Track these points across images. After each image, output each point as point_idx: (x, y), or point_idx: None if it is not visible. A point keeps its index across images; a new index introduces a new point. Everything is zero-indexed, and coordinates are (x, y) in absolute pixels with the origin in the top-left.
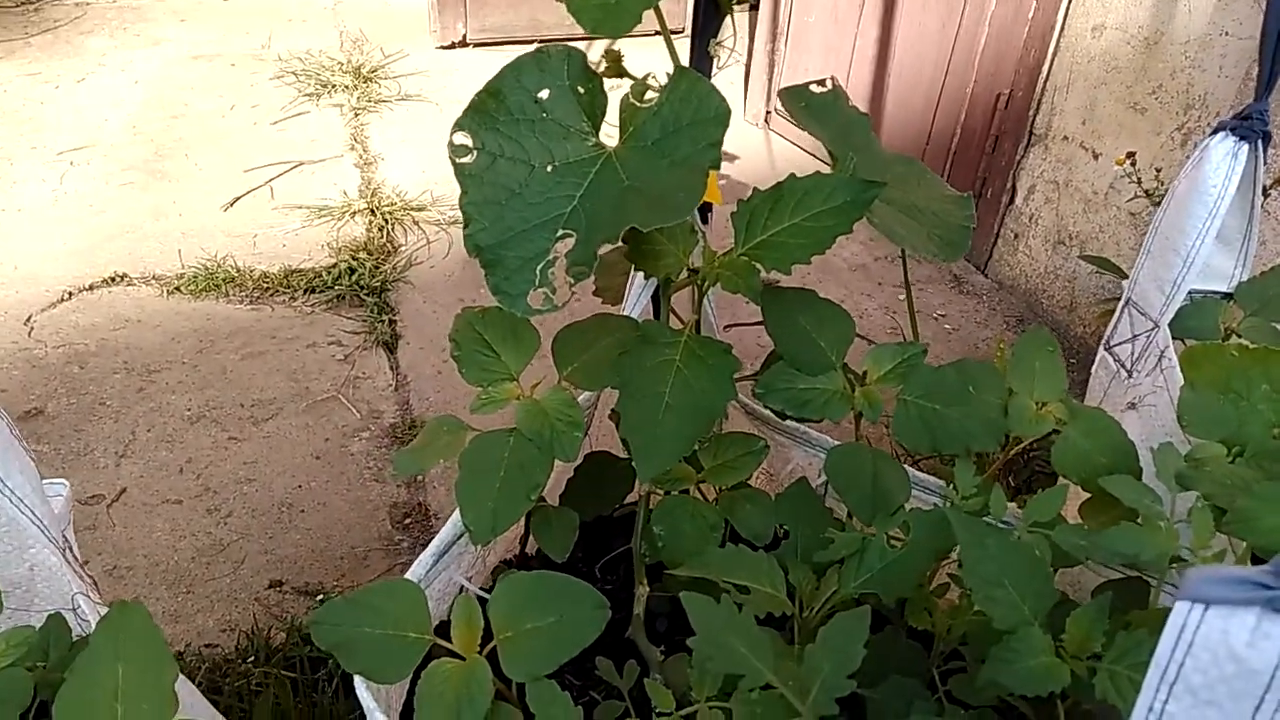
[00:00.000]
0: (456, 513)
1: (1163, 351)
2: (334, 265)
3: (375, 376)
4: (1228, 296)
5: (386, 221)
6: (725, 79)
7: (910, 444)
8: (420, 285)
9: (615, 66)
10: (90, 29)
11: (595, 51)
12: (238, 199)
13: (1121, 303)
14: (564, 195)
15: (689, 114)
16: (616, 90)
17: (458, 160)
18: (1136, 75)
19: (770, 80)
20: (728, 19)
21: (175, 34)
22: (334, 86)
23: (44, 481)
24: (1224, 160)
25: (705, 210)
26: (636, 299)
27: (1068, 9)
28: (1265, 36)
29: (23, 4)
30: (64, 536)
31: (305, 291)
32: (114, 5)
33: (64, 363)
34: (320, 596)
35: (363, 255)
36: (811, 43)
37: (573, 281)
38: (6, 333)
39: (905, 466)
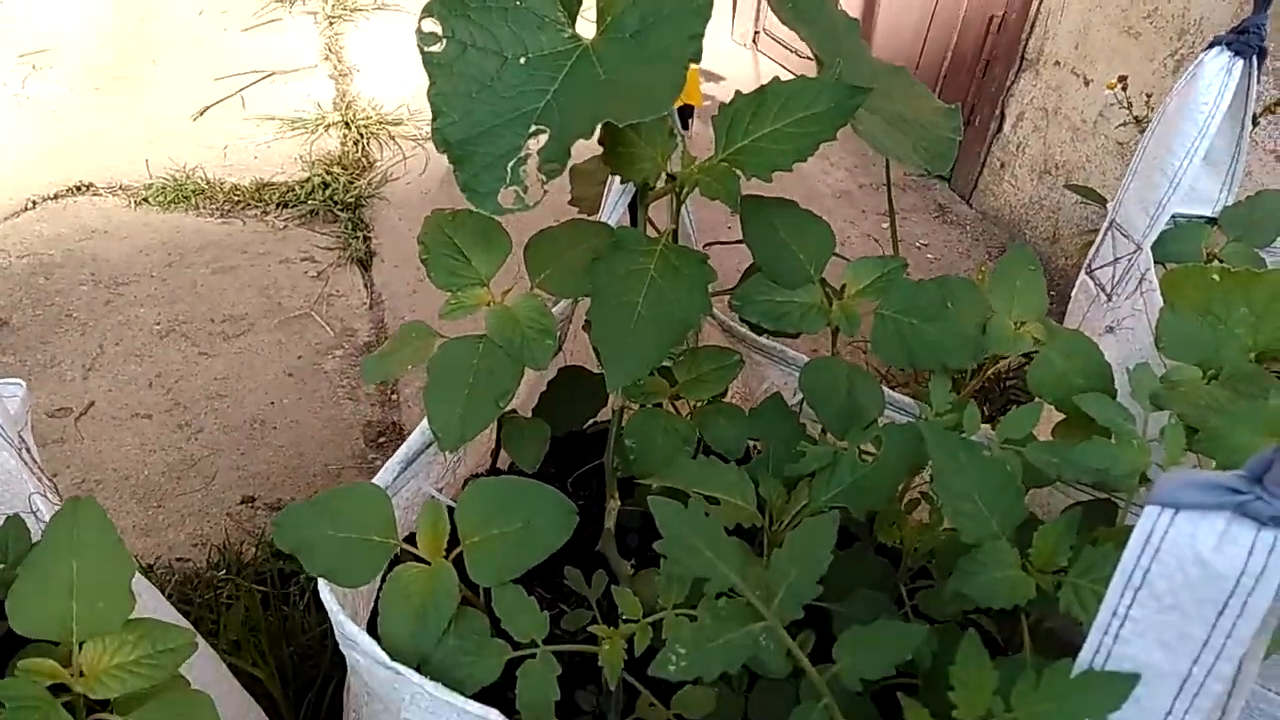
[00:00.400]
0: (424, 420)
1: (1144, 274)
2: (307, 179)
3: (349, 294)
4: (1212, 221)
5: (362, 135)
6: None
7: (887, 359)
8: (396, 202)
9: None
10: None
11: None
12: (207, 108)
13: (1105, 225)
14: (537, 89)
15: (669, 4)
16: None
17: (426, 49)
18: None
19: (758, 4)
20: None
21: None
22: None
23: (0, 381)
24: (1217, 76)
25: (686, 115)
26: (613, 206)
27: None
28: None
29: None
30: (20, 437)
31: (278, 206)
32: None
33: (29, 273)
34: None
35: (337, 170)
36: None
37: (544, 179)
38: None
39: (881, 386)
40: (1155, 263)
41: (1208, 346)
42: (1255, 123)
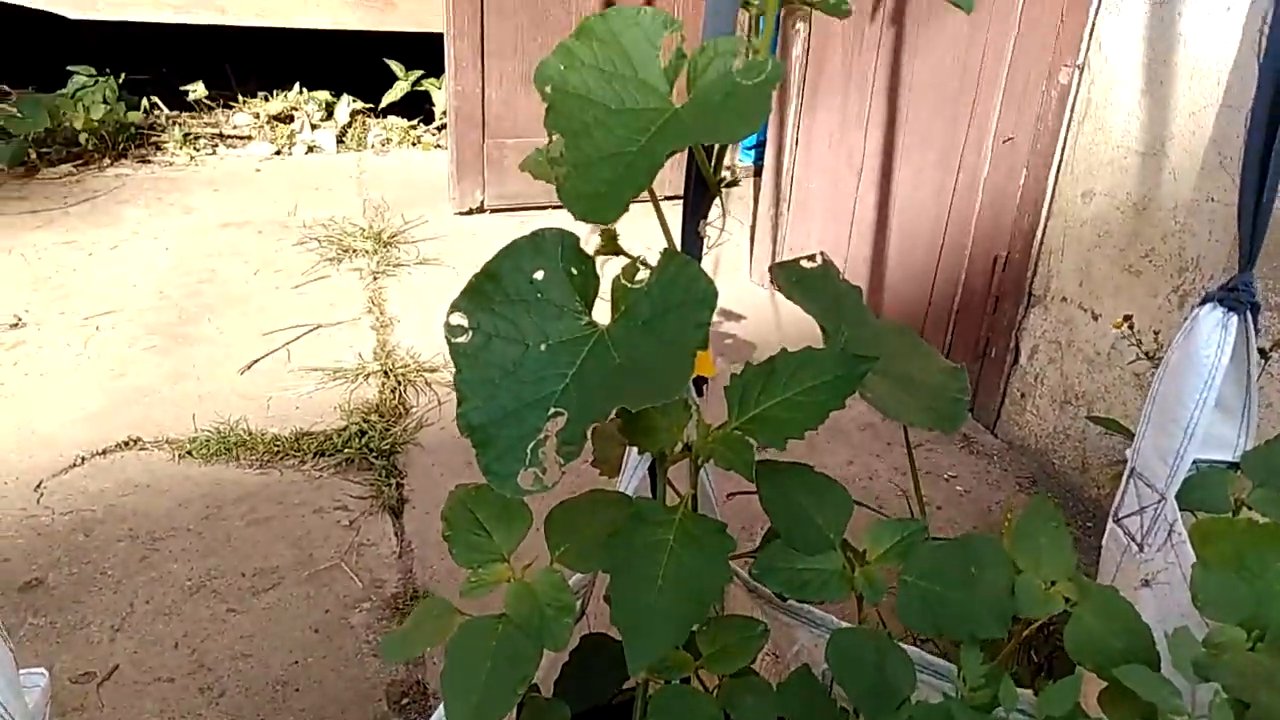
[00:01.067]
0: (441, 708)
1: (1172, 525)
2: (345, 428)
3: (380, 543)
4: (1234, 466)
5: (399, 383)
6: (733, 241)
7: (913, 627)
8: (430, 447)
9: (610, 245)
10: (127, 198)
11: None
12: (255, 362)
13: (1126, 473)
14: (556, 373)
15: (678, 295)
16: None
17: (453, 340)
18: (1128, 239)
19: (775, 243)
20: (717, 199)
21: (207, 203)
22: (355, 251)
23: (23, 671)
24: (1214, 331)
25: (700, 383)
26: (632, 474)
27: (1057, 176)
28: (1241, 210)
29: (66, 176)
30: None
31: (315, 455)
32: (151, 176)
33: (69, 530)
34: None
35: (374, 417)
36: (813, 207)
37: (563, 462)
38: (16, 499)
39: (912, 648)
40: (1182, 511)
41: (1247, 605)
42: (1265, 357)
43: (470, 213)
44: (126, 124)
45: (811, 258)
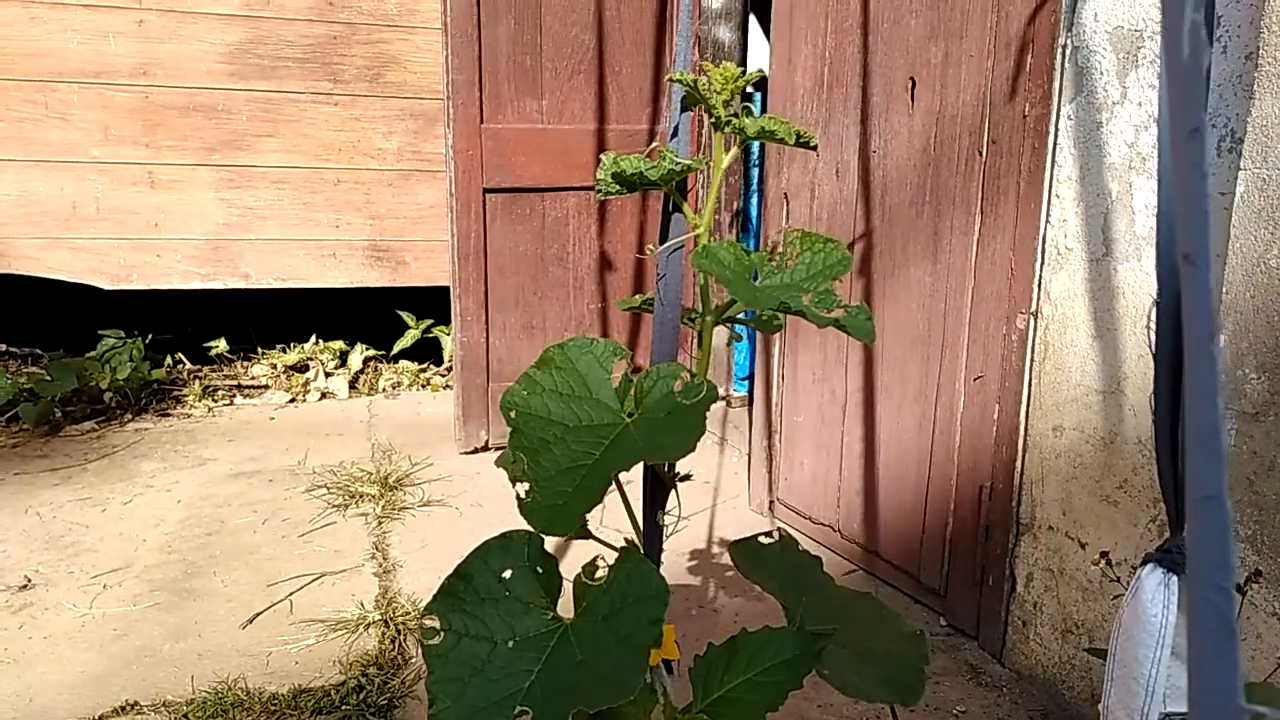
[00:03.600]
0: None
1: None
2: (343, 683)
3: None
4: None
5: (399, 632)
6: (730, 469)
7: None
8: (427, 700)
9: (581, 531)
10: (145, 452)
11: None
12: (257, 615)
13: None
14: (523, 670)
15: (634, 592)
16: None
17: (426, 643)
18: (1101, 471)
19: (770, 472)
20: (673, 493)
21: (221, 453)
22: (361, 496)
23: None
24: (1158, 591)
25: (668, 663)
26: None
27: (1028, 412)
28: (1161, 478)
29: (88, 433)
30: None
31: (313, 713)
32: (170, 429)
33: None
34: None
35: (373, 670)
36: (803, 439)
37: None
38: None
39: None
40: None
41: None
42: (1243, 592)
43: (475, 451)
44: (149, 381)
45: (769, 534)
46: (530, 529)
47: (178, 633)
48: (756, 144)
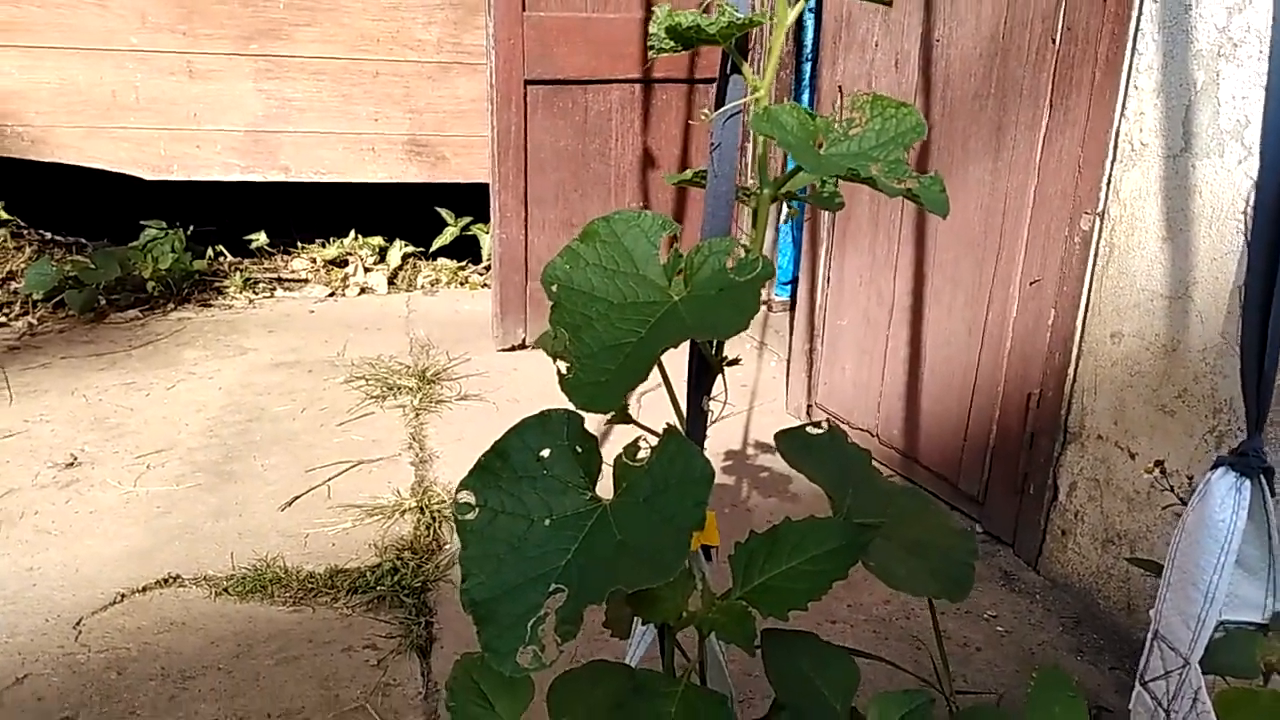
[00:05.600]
0: None
1: (1196, 692)
2: (379, 564)
3: (406, 684)
4: (1263, 628)
5: (434, 519)
6: (768, 374)
7: None
8: (460, 576)
9: (621, 415)
10: (188, 341)
11: None
12: (296, 499)
13: (1150, 635)
14: (560, 549)
15: (676, 474)
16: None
17: (461, 518)
18: (1160, 380)
19: (810, 376)
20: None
21: (262, 344)
22: (399, 389)
23: None
24: (1228, 495)
25: (708, 550)
26: (638, 643)
27: (1085, 318)
28: (1245, 377)
29: (132, 320)
30: None
31: (348, 592)
32: (212, 319)
33: (104, 668)
34: None
35: (407, 555)
36: (846, 343)
37: (560, 641)
38: (55, 637)
39: None
40: (1206, 674)
41: None
42: None
43: (512, 349)
44: (191, 271)
45: (817, 424)
46: (570, 408)
47: (218, 512)
48: (810, 38)
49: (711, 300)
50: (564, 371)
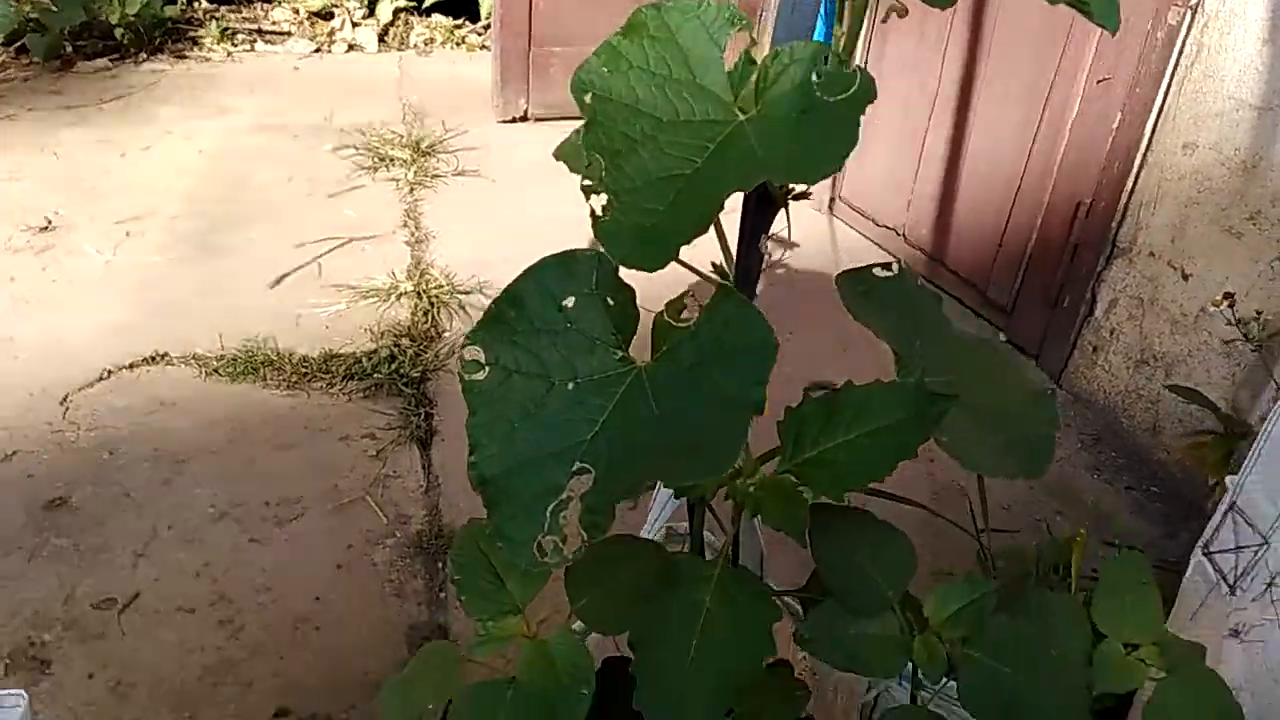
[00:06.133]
0: None
1: (1274, 576)
2: (375, 351)
3: (406, 476)
4: None
5: (432, 305)
6: None
7: (979, 713)
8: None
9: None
10: (163, 96)
11: None
12: (285, 276)
13: (1224, 505)
14: (585, 419)
15: (730, 341)
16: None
17: (468, 377)
18: (1232, 198)
19: None
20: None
21: (243, 104)
22: (392, 160)
23: (2, 693)
24: None
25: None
26: (659, 512)
27: (1156, 124)
28: None
29: (101, 70)
30: None
31: (344, 378)
32: (187, 73)
33: (94, 448)
34: None
35: (405, 341)
36: (879, 134)
37: (585, 536)
38: (42, 413)
39: None
40: None
41: None
42: None
43: (513, 121)
44: (163, 18)
45: (886, 265)
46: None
47: (205, 288)
48: None
49: (791, 124)
50: (599, 211)
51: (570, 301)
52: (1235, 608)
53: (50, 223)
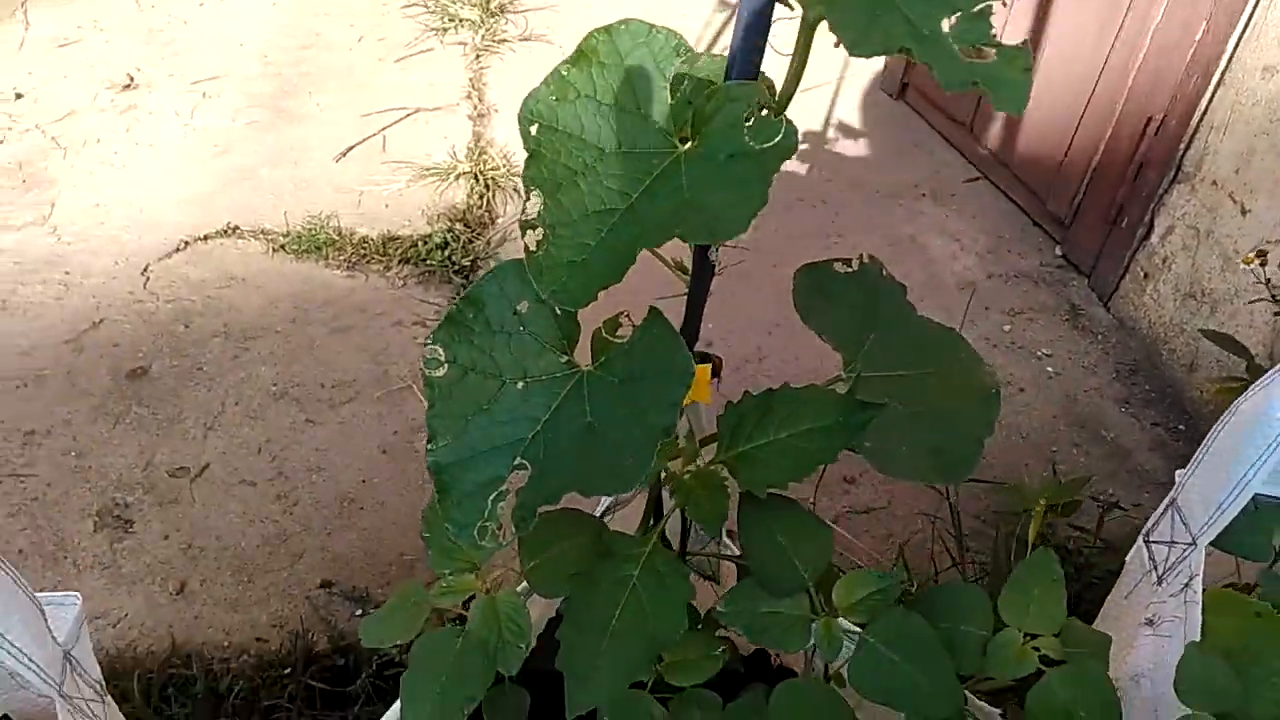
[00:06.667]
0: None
1: (1192, 577)
2: (429, 235)
3: None
4: None
5: (488, 188)
6: None
7: (864, 692)
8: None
9: None
10: None
11: None
12: (350, 149)
13: (1168, 498)
14: (529, 417)
15: (654, 365)
16: None
17: (429, 373)
18: None
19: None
20: None
21: None
22: (460, 22)
23: (55, 595)
24: None
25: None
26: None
27: (1239, 41)
28: None
29: None
30: (66, 662)
31: (400, 261)
32: None
33: (171, 320)
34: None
35: (459, 227)
36: None
37: (515, 529)
38: (125, 282)
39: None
40: (1219, 550)
41: (1233, 697)
42: None
43: None
44: None
45: (848, 261)
46: None
47: (275, 157)
48: None
49: (719, 167)
50: (532, 246)
51: (525, 306)
52: (1156, 599)
53: (132, 80)
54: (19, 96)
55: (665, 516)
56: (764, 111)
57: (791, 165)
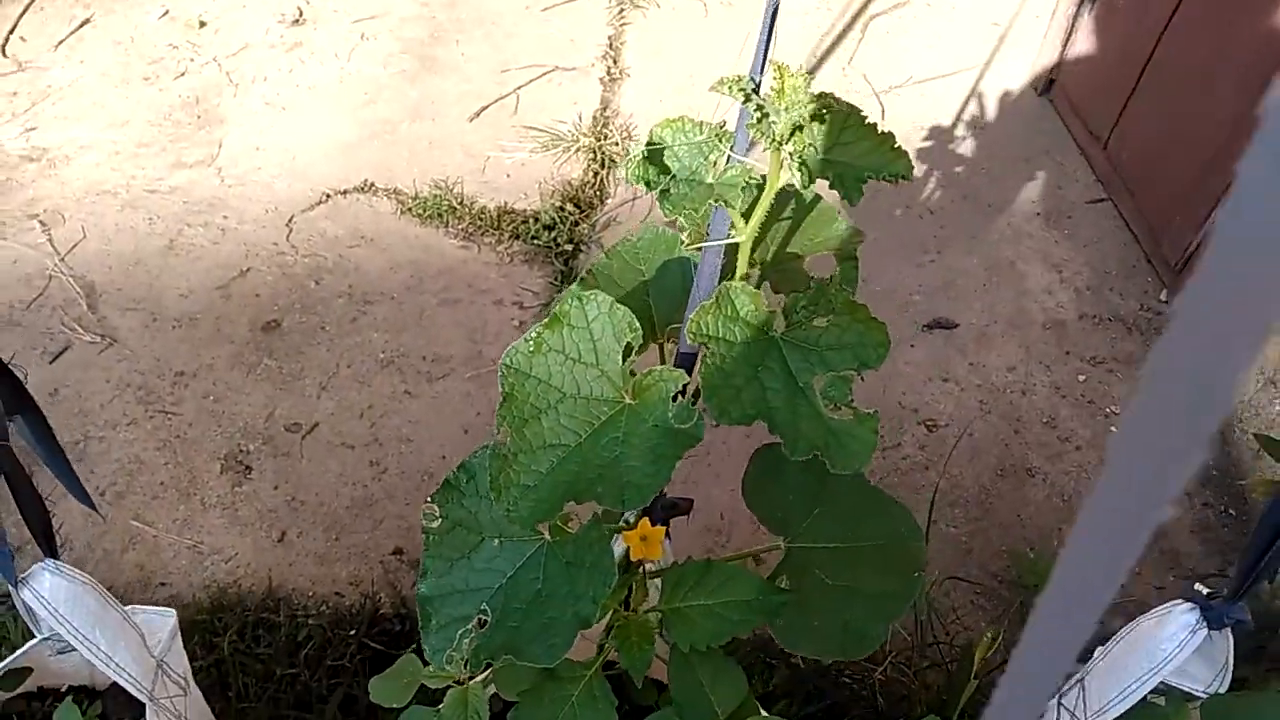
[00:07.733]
0: None
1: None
2: (540, 212)
3: None
4: (1192, 698)
5: (604, 165)
6: (1023, 25)
7: None
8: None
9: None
10: None
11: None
12: (485, 109)
13: (1078, 675)
14: (498, 570)
15: (590, 558)
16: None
17: (428, 525)
18: None
19: (1065, 42)
20: None
21: None
22: None
23: (154, 611)
24: (1182, 633)
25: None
26: None
27: None
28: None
29: None
30: (159, 670)
31: (510, 237)
32: None
33: (306, 275)
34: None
35: (569, 206)
36: (1111, 16)
37: (469, 667)
38: (271, 232)
39: None
40: None
41: None
42: None
43: None
44: None
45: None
46: None
47: (415, 111)
48: None
49: (646, 432)
50: (496, 473)
51: None
52: None
53: (301, 14)
54: (203, 25)
55: (605, 652)
56: (688, 399)
57: (915, 142)
